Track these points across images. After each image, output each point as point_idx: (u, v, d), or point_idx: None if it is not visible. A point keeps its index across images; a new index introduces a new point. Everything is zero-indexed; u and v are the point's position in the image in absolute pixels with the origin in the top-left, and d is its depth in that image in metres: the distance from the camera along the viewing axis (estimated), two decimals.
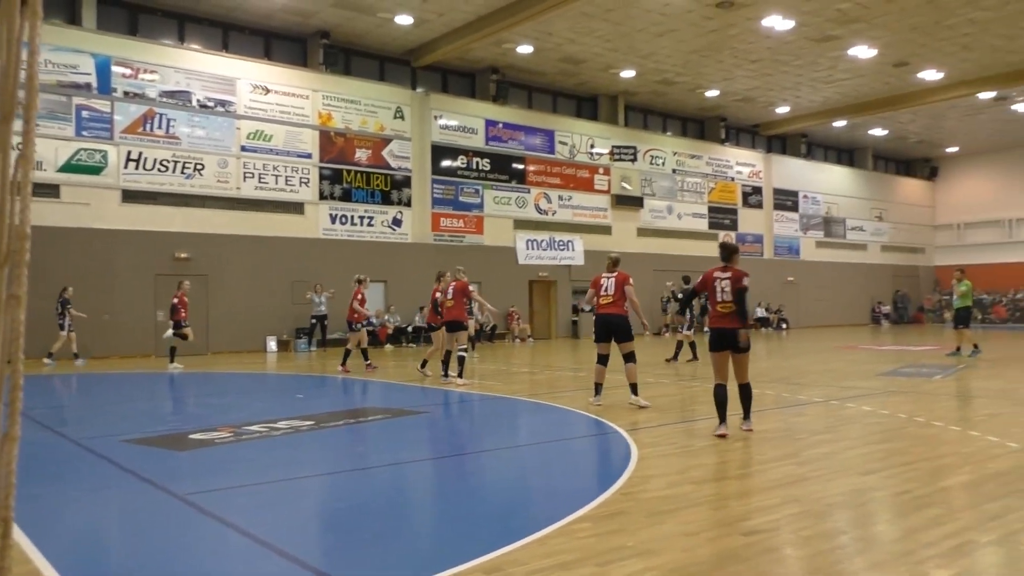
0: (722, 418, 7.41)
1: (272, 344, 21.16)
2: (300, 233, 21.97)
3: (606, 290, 9.60)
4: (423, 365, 13.47)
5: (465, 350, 12.61)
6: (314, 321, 20.99)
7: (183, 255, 20.00)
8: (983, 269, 39.44)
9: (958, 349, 16.79)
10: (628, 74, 26.43)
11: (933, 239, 42.29)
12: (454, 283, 12.70)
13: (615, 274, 9.66)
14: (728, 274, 7.61)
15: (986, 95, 28.74)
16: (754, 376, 13.14)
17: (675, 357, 16.12)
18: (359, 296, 14.62)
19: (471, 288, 12.84)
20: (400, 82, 24.67)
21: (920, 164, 42.18)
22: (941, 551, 4.03)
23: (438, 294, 13.31)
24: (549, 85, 27.98)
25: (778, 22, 21.51)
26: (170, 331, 16.03)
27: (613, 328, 9.59)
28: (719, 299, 7.54)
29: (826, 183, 37.14)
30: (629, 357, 9.52)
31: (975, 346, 16.65)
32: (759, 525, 4.53)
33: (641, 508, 4.90)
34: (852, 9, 20.77)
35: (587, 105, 29.49)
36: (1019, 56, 24.80)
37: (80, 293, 18.46)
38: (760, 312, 32.81)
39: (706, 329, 7.98)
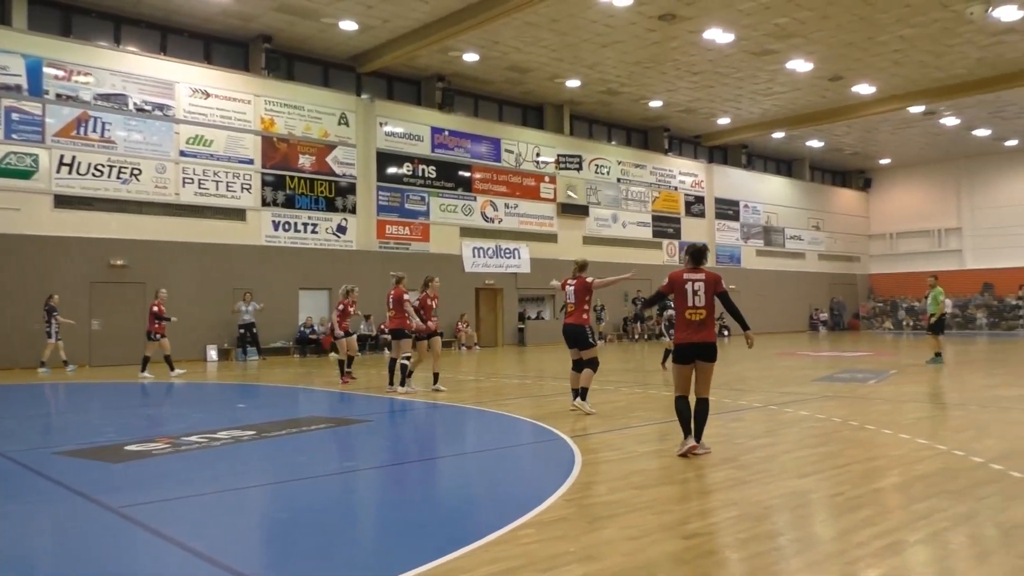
0: (687, 432, 6.85)
1: (213, 353, 20.73)
2: (242, 240, 21.59)
3: (568, 298, 9.63)
4: (435, 380, 12.42)
5: (408, 358, 12.54)
6: (242, 331, 20.67)
7: (119, 262, 19.48)
8: (915, 277, 40.83)
9: (938, 354, 16.93)
10: (573, 84, 26.69)
11: (868, 248, 43.62)
12: (392, 291, 12.58)
13: (576, 280, 9.60)
14: (701, 276, 6.91)
15: (916, 109, 29.79)
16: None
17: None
18: (339, 307, 14.36)
19: (406, 297, 12.53)
20: (345, 88, 24.47)
21: (855, 175, 43.52)
22: (872, 551, 4.17)
23: (428, 300, 12.27)
24: (495, 93, 28.07)
25: (719, 35, 21.98)
26: (160, 340, 16.18)
27: (571, 337, 9.62)
28: (690, 303, 6.85)
29: (766, 193, 38.03)
30: (581, 364, 9.54)
31: (936, 354, 16.83)
32: (699, 528, 4.62)
33: (584, 514, 4.95)
34: (789, 24, 21.36)
35: (533, 114, 29.67)
36: (945, 72, 25.81)
37: (9, 301, 17.90)
38: None
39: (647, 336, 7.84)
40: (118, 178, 19.58)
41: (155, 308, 16.08)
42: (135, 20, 20.82)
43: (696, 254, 7.12)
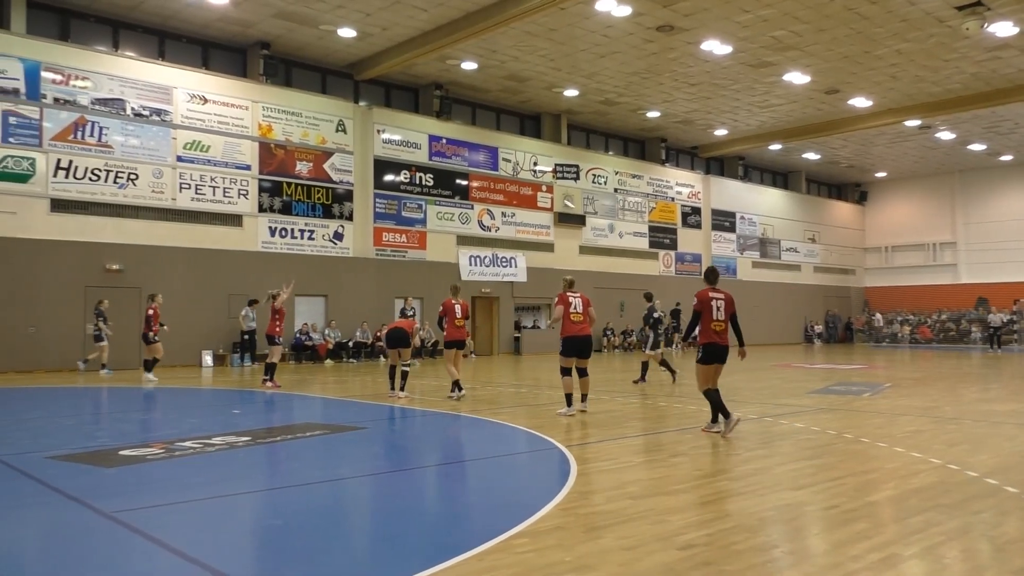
0: (726, 414, 8.61)
1: (208, 359, 20.67)
2: (238, 246, 21.56)
3: (576, 308, 10.36)
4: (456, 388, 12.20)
5: (410, 366, 12.59)
6: (246, 337, 20.70)
7: (115, 267, 19.44)
8: (910, 291, 41.01)
9: None
10: (571, 93, 26.77)
11: (863, 261, 43.74)
12: (460, 303, 12.39)
13: (581, 295, 10.59)
14: (721, 295, 8.70)
15: (912, 123, 29.94)
16: (692, 395, 13.40)
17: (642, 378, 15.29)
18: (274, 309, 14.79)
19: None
20: (342, 95, 24.50)
21: (851, 188, 43.68)
22: (867, 564, 4.16)
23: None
24: (493, 102, 28.14)
25: (716, 47, 22.07)
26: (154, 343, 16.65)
27: (588, 346, 10.69)
28: (714, 317, 8.58)
29: (762, 205, 38.13)
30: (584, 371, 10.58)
31: None
32: (694, 539, 4.61)
33: (579, 523, 4.94)
34: (786, 37, 21.46)
35: (530, 123, 29.74)
36: (941, 87, 25.95)
37: (3, 305, 17.85)
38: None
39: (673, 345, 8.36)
40: (115, 183, 19.56)
41: (150, 312, 16.44)
42: (133, 25, 20.85)
43: (711, 275, 8.94)
